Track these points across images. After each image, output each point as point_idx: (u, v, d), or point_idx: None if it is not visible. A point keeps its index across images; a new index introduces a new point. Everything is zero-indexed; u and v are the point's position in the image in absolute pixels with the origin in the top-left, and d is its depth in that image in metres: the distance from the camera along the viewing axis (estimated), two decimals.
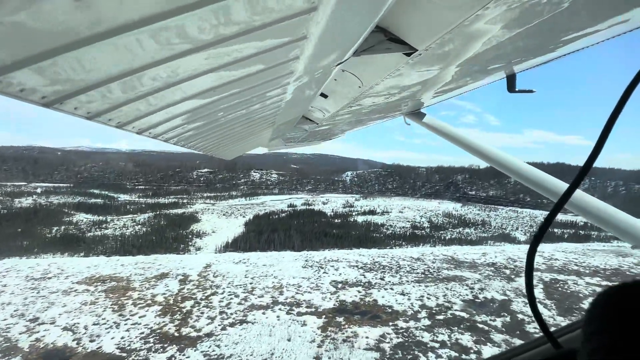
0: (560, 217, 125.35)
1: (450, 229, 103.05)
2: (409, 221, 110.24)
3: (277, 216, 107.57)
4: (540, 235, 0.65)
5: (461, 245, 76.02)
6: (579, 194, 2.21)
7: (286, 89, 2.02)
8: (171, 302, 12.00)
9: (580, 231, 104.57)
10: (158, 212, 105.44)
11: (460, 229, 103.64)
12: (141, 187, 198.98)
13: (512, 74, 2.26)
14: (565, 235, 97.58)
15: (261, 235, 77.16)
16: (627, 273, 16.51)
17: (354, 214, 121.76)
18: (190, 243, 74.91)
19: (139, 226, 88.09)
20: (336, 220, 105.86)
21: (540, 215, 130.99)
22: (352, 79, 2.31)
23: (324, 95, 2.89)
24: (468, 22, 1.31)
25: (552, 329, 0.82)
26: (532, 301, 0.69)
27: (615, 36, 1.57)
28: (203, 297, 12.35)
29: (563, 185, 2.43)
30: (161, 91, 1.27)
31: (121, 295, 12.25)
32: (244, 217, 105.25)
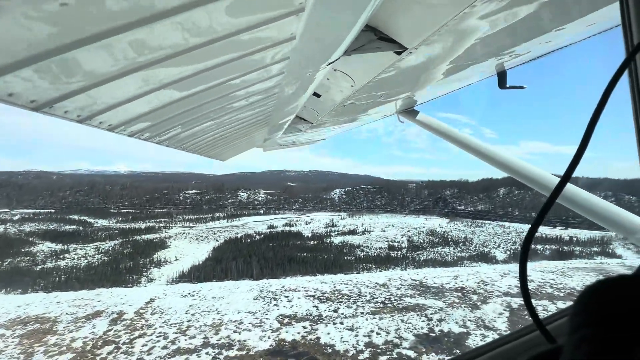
0: (545, 232, 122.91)
1: (428, 249, 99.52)
2: (387, 241, 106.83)
3: (250, 240, 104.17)
4: (537, 223, 0.67)
5: (434, 268, 72.77)
6: (570, 187, 2.23)
7: (278, 89, 2.01)
8: (89, 348, 10.18)
9: (565, 247, 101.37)
10: (128, 239, 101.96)
11: (439, 248, 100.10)
12: (126, 210, 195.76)
13: (503, 70, 2.27)
14: (547, 252, 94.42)
15: (225, 262, 73.70)
16: None
17: (332, 234, 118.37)
18: (145, 273, 71.26)
19: (100, 255, 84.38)
20: (311, 242, 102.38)
21: (526, 229, 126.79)
22: (344, 78, 2.33)
23: (317, 95, 2.89)
24: (456, 19, 1.33)
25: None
26: (525, 291, 0.70)
27: (603, 31, 1.64)
28: (127, 341, 10.61)
29: (554, 179, 2.44)
30: (152, 93, 1.25)
31: (37, 341, 10.20)
32: (217, 241, 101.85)
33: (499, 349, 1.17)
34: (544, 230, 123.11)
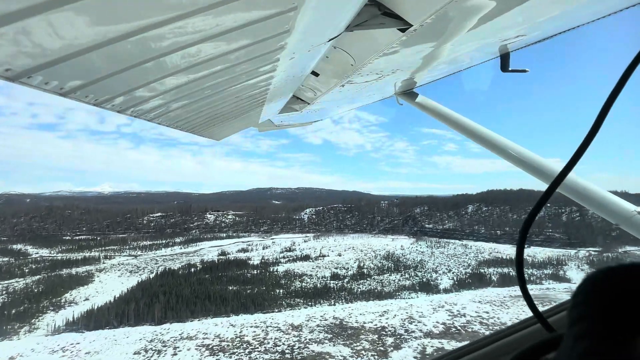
0: (506, 251, 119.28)
1: (374, 276, 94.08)
2: (336, 268, 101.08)
3: (188, 271, 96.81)
4: (537, 209, 0.64)
5: (367, 301, 66.98)
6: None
7: (276, 66, 1.92)
8: None
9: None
10: (52, 274, 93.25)
11: (386, 276, 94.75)
12: (80, 237, 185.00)
13: (506, 52, 2.22)
14: (495, 276, 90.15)
15: (136, 302, 66.41)
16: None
17: (283, 261, 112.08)
18: (34, 320, 63.20)
19: (1, 297, 75.47)
20: (253, 272, 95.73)
21: (489, 247, 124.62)
22: (344, 57, 2.23)
23: (315, 74, 2.82)
24: None
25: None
26: (522, 281, 0.66)
27: (612, 13, 1.59)
28: None
29: (557, 167, 2.39)
30: (143, 64, 1.15)
31: None
32: (151, 273, 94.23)
33: (501, 342, 1.16)
34: (504, 250, 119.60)
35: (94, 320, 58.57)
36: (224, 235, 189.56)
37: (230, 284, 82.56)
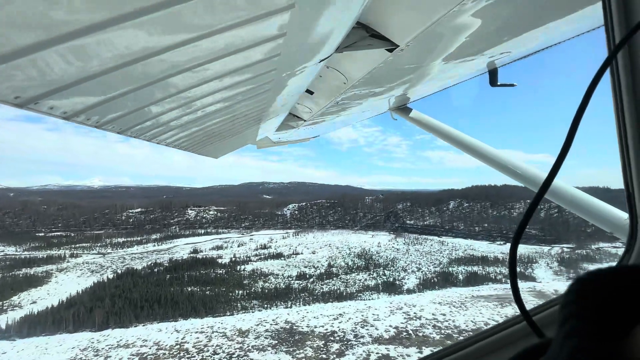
0: (481, 248, 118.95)
1: (342, 276, 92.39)
2: (306, 267, 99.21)
3: (151, 270, 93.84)
4: (530, 212, 0.67)
5: (326, 303, 64.67)
6: (557, 183, 2.32)
7: (270, 86, 2.03)
8: None
9: (486, 267, 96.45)
10: (7, 274, 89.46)
11: (355, 275, 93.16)
12: (53, 234, 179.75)
13: (494, 68, 2.33)
14: (463, 275, 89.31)
15: (80, 306, 63.46)
16: None
17: (254, 259, 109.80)
18: None
19: None
20: (219, 272, 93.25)
21: (465, 244, 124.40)
22: (336, 76, 2.36)
23: (309, 92, 2.93)
24: (447, 17, 1.35)
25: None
26: (513, 282, 0.70)
27: (591, 30, 1.72)
28: None
29: (544, 176, 2.34)
30: (142, 88, 1.23)
31: None
32: (113, 273, 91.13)
33: (486, 340, 1.19)
34: (479, 248, 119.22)
35: (31, 326, 55.52)
36: (203, 231, 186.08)
37: (191, 285, 80.00)
